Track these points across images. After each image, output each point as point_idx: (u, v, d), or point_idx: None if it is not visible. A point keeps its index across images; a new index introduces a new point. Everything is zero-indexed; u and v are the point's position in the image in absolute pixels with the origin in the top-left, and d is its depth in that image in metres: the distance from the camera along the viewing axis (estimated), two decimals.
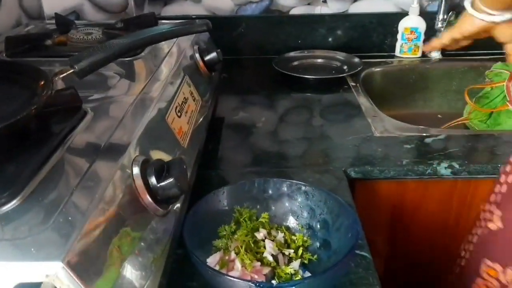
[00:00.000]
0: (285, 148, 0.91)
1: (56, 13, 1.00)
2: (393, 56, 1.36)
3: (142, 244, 0.49)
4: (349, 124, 0.99)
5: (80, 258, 0.38)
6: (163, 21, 1.08)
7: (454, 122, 1.14)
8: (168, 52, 0.85)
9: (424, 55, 1.35)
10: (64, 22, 0.95)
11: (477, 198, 0.89)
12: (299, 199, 0.63)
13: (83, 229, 0.40)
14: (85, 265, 0.39)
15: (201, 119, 0.79)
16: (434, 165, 0.83)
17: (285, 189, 0.64)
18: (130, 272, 0.45)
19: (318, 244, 0.61)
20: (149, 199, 0.50)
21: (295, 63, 1.30)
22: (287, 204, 0.64)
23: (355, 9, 1.35)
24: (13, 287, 0.36)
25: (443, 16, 1.29)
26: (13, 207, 0.42)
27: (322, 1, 1.34)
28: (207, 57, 0.89)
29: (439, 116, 1.32)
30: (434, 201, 0.89)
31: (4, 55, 0.83)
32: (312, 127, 1.00)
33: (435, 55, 1.34)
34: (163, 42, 0.85)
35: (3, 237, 0.39)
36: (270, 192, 0.64)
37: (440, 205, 0.90)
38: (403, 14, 1.32)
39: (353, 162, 0.84)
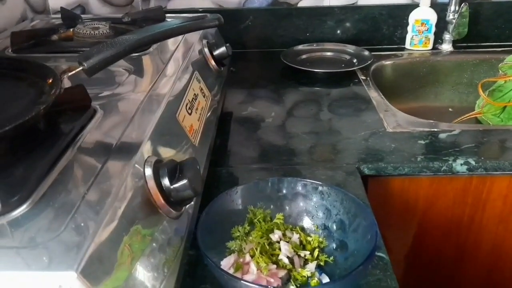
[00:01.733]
0: (295, 144, 0.89)
1: (61, 7, 0.98)
2: (403, 49, 1.33)
3: (155, 245, 0.47)
4: (360, 119, 0.97)
5: (94, 266, 0.37)
6: (171, 14, 1.06)
7: (467, 116, 1.12)
8: (176, 47, 0.83)
9: (434, 47, 1.33)
10: (70, 16, 0.93)
11: (493, 195, 0.87)
12: (314, 199, 0.62)
13: (96, 235, 0.38)
14: (99, 273, 0.37)
15: (211, 116, 0.77)
16: (450, 162, 0.81)
17: (299, 188, 0.62)
18: (142, 274, 0.44)
19: (334, 245, 0.59)
20: (162, 201, 0.49)
21: (304, 56, 1.28)
22: (301, 204, 0.62)
23: (364, 0, 1.32)
24: None
25: (455, 7, 1.26)
26: (22, 213, 0.41)
27: None
28: (216, 52, 0.88)
29: (450, 109, 1.30)
30: (448, 198, 0.87)
31: (9, 50, 0.82)
32: (322, 121, 0.98)
33: (446, 47, 1.32)
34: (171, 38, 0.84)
35: (13, 245, 0.37)
36: (284, 191, 0.62)
37: (455, 202, 0.88)
38: (413, 5, 1.30)
39: (366, 159, 0.83)
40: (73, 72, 0.55)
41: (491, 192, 0.87)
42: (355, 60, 1.24)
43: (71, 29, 0.88)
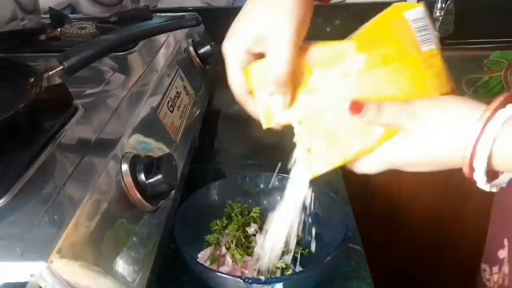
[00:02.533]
0: (280, 139, 0.91)
1: (50, 8, 0.99)
2: None
3: (132, 239, 0.49)
4: None
5: (66, 257, 0.38)
6: (159, 14, 1.08)
7: None
8: (161, 46, 0.84)
9: None
10: (58, 16, 0.95)
11: (474, 190, 0.89)
12: None
13: (68, 228, 0.40)
14: (71, 264, 0.39)
15: (194, 113, 0.79)
16: None
17: (276, 183, 0.64)
18: (121, 267, 0.46)
19: (310, 238, 0.61)
20: (138, 195, 0.50)
21: None
22: (278, 198, 0.64)
23: None
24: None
25: (442, 4, 1.27)
26: (0, 206, 0.42)
27: None
28: (201, 50, 0.89)
29: None
30: (430, 192, 0.89)
31: None
32: None
33: None
34: (157, 36, 0.85)
35: None
36: (261, 186, 0.64)
37: (437, 196, 0.90)
38: (400, 2, 1.31)
39: None
40: (54, 71, 0.57)
41: (472, 187, 0.88)
42: None
43: (59, 29, 0.89)
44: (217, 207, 0.62)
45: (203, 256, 0.56)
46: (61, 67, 0.56)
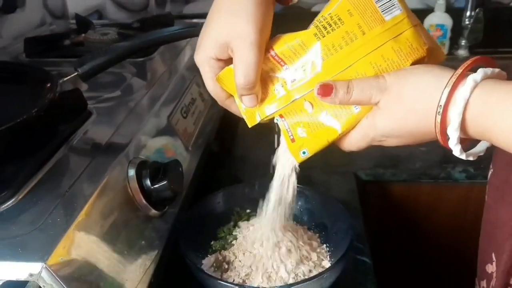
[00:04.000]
0: None
1: (76, 14, 1.02)
2: None
3: (136, 243, 0.50)
4: None
5: (65, 258, 0.39)
6: (183, 20, 1.10)
7: None
8: (180, 52, 0.86)
9: (450, 52, 1.31)
10: (83, 22, 0.97)
11: None
12: (300, 203, 0.63)
13: (68, 230, 0.41)
14: (70, 266, 0.40)
15: (210, 120, 0.80)
16: (448, 169, 0.81)
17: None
18: (122, 270, 0.47)
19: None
20: (143, 200, 0.51)
21: None
22: None
23: None
24: (0, 285, 0.38)
25: (471, 12, 1.24)
26: (8, 207, 0.44)
27: None
28: None
29: None
30: (449, 205, 0.87)
31: (23, 55, 0.87)
32: None
33: (462, 52, 1.30)
34: (176, 42, 0.87)
35: None
36: None
37: (456, 209, 0.87)
38: (429, 10, 1.28)
39: (364, 164, 0.83)
40: (69, 77, 0.59)
41: None
42: None
43: (83, 35, 0.92)
44: (224, 214, 0.62)
45: (207, 263, 0.56)
46: (75, 74, 0.58)
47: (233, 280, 0.54)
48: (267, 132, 0.97)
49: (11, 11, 1.00)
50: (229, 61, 0.44)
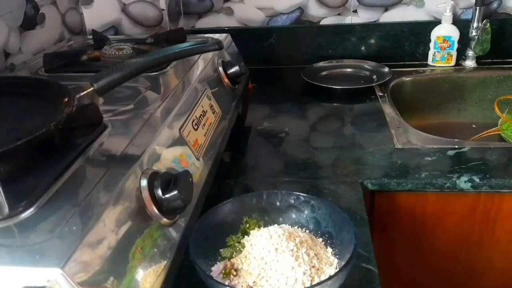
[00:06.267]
0: (304, 158, 0.93)
1: (93, 29, 1.06)
2: (426, 65, 1.34)
3: (149, 250, 0.52)
4: (370, 135, 0.99)
5: (81, 265, 0.42)
6: (195, 35, 1.13)
7: (485, 134, 1.11)
8: (192, 66, 0.89)
9: (458, 63, 1.33)
10: (99, 38, 1.01)
11: (502, 213, 0.87)
12: (306, 212, 0.65)
13: (85, 239, 0.43)
14: (86, 272, 0.43)
15: (220, 131, 0.82)
16: (454, 179, 0.82)
17: (292, 201, 0.66)
18: (135, 277, 0.49)
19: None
20: (155, 209, 0.54)
21: (324, 73, 1.32)
22: (294, 216, 0.66)
23: (386, 18, 1.34)
24: None
25: (478, 24, 1.26)
26: (27, 216, 0.47)
27: (353, 11, 1.34)
28: (230, 71, 0.93)
29: (473, 126, 1.29)
30: (456, 214, 0.88)
31: (42, 70, 0.90)
32: (334, 138, 1.01)
33: (470, 63, 1.32)
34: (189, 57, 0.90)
35: (14, 244, 0.43)
36: (278, 204, 0.66)
37: (463, 219, 0.88)
38: (435, 22, 1.30)
39: (370, 174, 0.85)
40: (85, 92, 0.62)
41: (501, 210, 0.87)
42: (374, 76, 1.26)
43: (99, 50, 0.95)
44: (233, 222, 0.64)
45: (216, 270, 0.59)
46: (92, 89, 0.61)
47: (241, 287, 0.56)
48: (277, 143, 1.00)
49: (31, 28, 1.04)
50: None
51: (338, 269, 0.53)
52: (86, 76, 0.90)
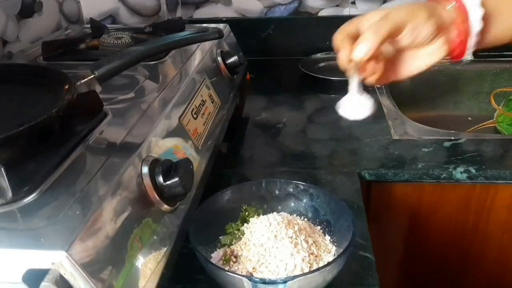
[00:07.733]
0: (301, 149, 0.94)
1: (91, 18, 1.06)
2: None
3: (150, 237, 0.53)
4: (367, 126, 1.00)
5: (84, 248, 0.42)
6: (193, 24, 1.13)
7: (481, 126, 1.12)
8: (190, 56, 0.89)
9: None
10: (98, 26, 1.01)
11: (497, 204, 0.88)
12: (305, 200, 0.66)
13: (88, 223, 0.44)
14: (89, 255, 0.43)
15: (219, 121, 0.83)
16: (450, 169, 0.83)
17: (291, 190, 0.66)
18: (137, 261, 0.50)
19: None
20: (156, 196, 0.54)
21: (322, 64, 1.32)
22: (293, 204, 0.66)
23: None
24: (24, 272, 0.41)
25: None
26: (30, 201, 0.47)
27: (351, 3, 1.34)
28: (229, 60, 0.93)
29: (469, 118, 1.30)
30: (451, 205, 0.89)
31: (41, 58, 0.90)
32: (331, 129, 1.01)
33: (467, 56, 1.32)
34: (187, 46, 0.90)
35: (18, 227, 0.44)
36: (277, 192, 0.67)
37: (458, 209, 0.89)
38: None
39: (368, 165, 0.86)
40: (86, 79, 0.62)
41: (495, 201, 0.88)
42: None
43: (97, 39, 0.95)
44: (232, 210, 0.65)
45: (216, 256, 0.59)
46: (92, 76, 0.61)
47: (241, 272, 0.57)
48: (274, 134, 1.00)
49: (28, 16, 1.04)
50: None
51: (336, 256, 0.54)
52: (85, 65, 0.90)
